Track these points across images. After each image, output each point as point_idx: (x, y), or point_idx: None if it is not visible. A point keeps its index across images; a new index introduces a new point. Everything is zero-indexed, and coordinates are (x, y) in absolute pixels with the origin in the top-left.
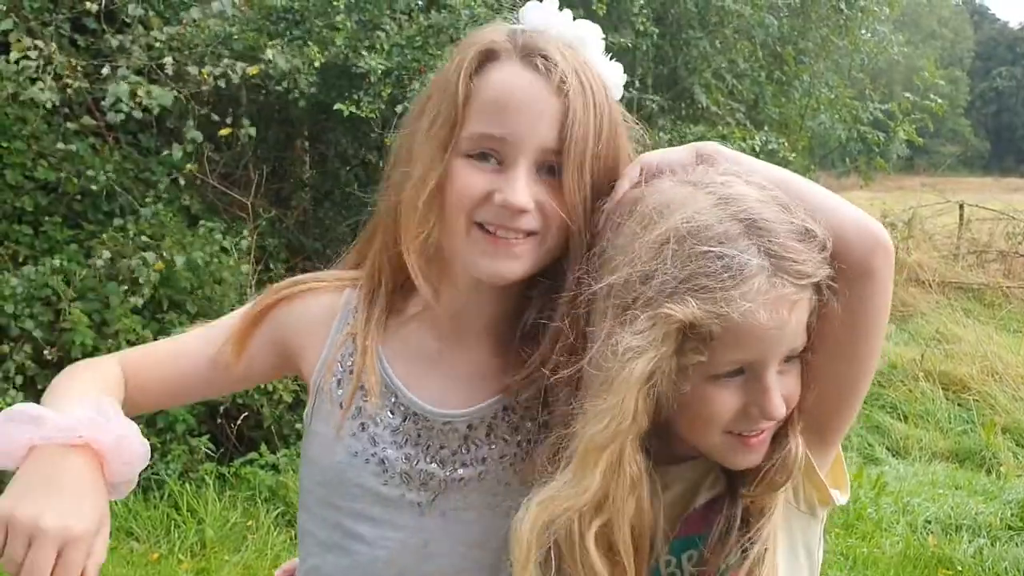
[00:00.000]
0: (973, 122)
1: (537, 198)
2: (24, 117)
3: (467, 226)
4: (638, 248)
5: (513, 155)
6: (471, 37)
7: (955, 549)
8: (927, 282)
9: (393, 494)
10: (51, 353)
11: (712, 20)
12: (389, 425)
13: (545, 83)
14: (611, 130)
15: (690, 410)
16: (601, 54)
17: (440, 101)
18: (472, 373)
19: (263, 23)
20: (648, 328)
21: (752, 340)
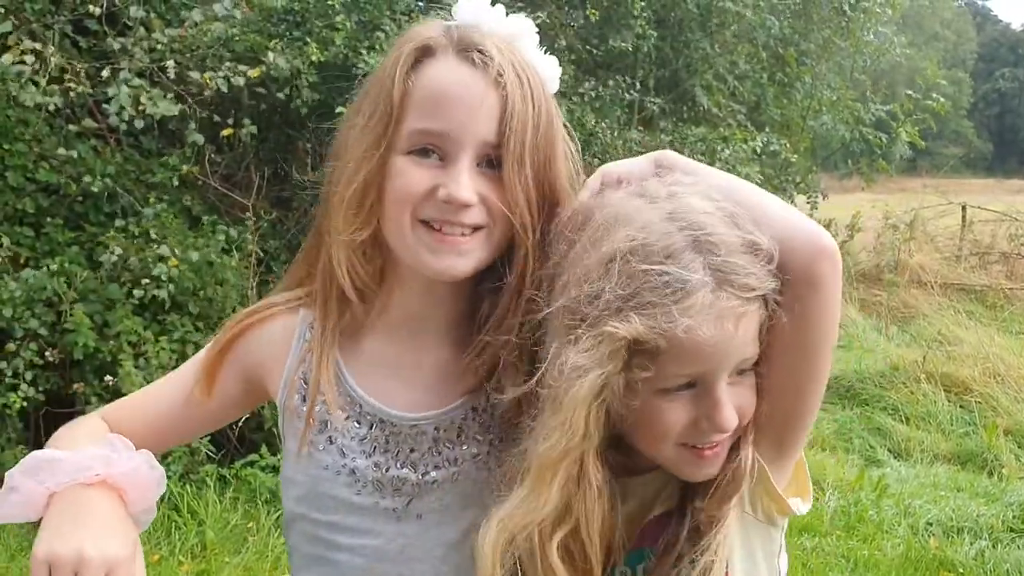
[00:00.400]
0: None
1: (480, 191)
2: (26, 119)
3: (412, 224)
4: (587, 266)
5: (454, 150)
6: (406, 34)
7: (956, 551)
8: (929, 284)
9: (367, 503)
10: (53, 355)
11: (713, 22)
12: (356, 435)
13: (482, 77)
14: (548, 123)
15: (643, 424)
16: (536, 48)
17: (377, 98)
18: (437, 375)
19: (264, 25)
20: (594, 346)
21: (698, 355)
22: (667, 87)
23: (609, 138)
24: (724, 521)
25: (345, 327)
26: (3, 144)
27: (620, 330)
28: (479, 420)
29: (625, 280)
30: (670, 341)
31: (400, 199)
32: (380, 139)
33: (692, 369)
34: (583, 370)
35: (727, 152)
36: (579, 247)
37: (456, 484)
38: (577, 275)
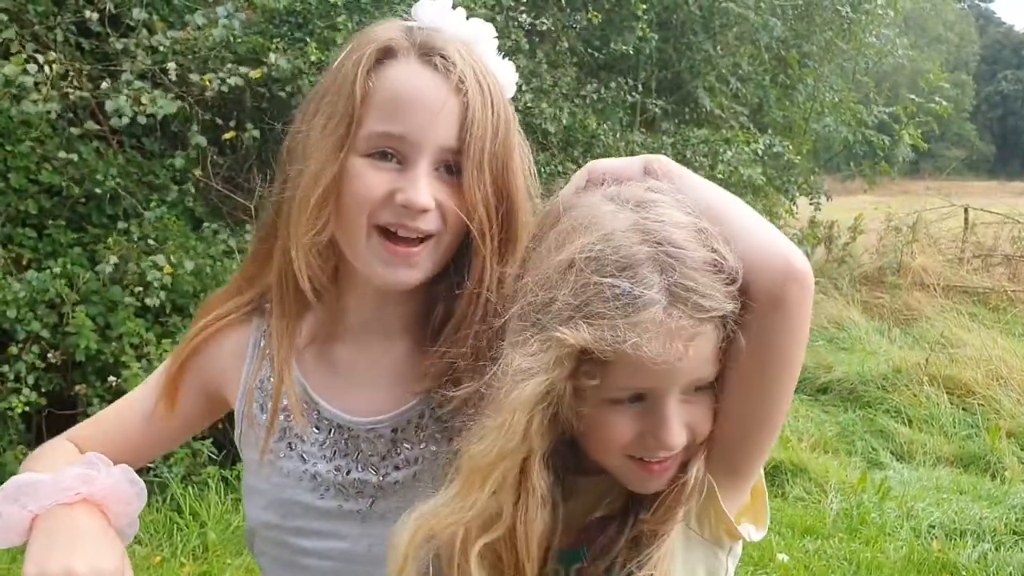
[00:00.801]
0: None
1: (437, 197)
2: (28, 121)
3: (367, 229)
4: (546, 270)
5: (413, 154)
6: (367, 35)
7: (959, 554)
8: (932, 286)
9: (331, 506)
10: (55, 357)
11: (716, 24)
12: (316, 440)
13: (444, 82)
14: (506, 130)
15: (591, 431)
16: (494, 53)
17: (336, 99)
18: (392, 376)
19: (266, 27)
20: (540, 351)
21: (645, 370)
22: (669, 89)
23: (611, 140)
24: (667, 536)
25: (301, 331)
26: (6, 146)
27: (568, 337)
28: (437, 418)
29: (579, 288)
30: (617, 354)
31: (357, 202)
32: (342, 140)
33: (638, 383)
34: (527, 374)
35: (729, 154)
36: (543, 247)
37: (417, 483)
38: (536, 278)
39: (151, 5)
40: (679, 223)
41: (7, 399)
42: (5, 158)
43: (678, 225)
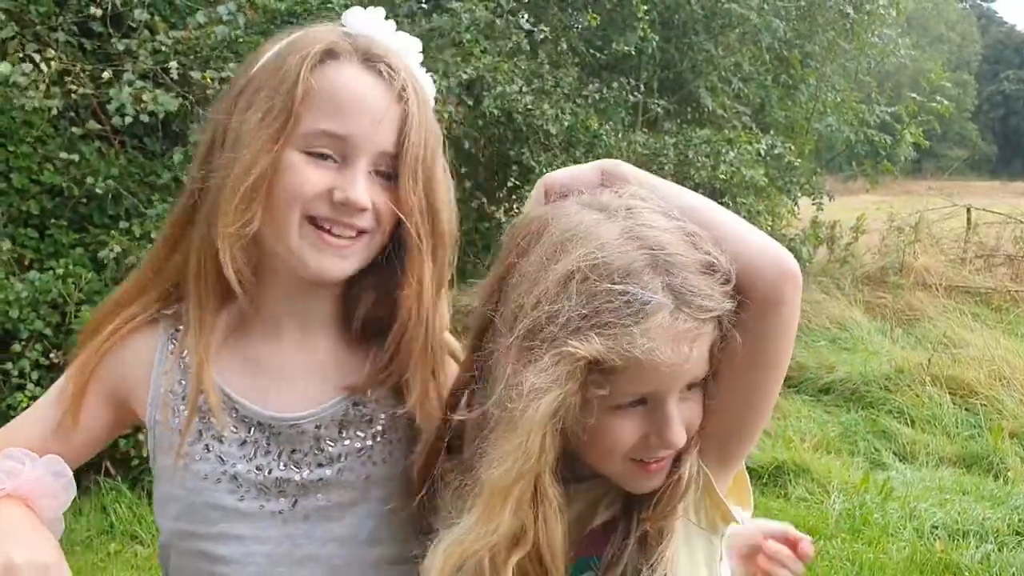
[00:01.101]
0: (980, 126)
1: (373, 198)
2: (30, 121)
3: (299, 222)
4: (545, 283)
5: (353, 154)
6: (307, 35)
7: (962, 555)
8: (934, 286)
9: (252, 508)
10: (58, 356)
11: (718, 24)
12: (235, 440)
13: (388, 89)
14: (436, 139)
15: (593, 439)
16: (419, 65)
17: (274, 93)
18: (313, 372)
19: (267, 27)
20: (552, 366)
21: (653, 374)
22: (671, 89)
23: (613, 140)
24: (672, 532)
25: (219, 326)
26: (7, 146)
27: (580, 350)
28: (360, 414)
29: (584, 299)
30: (628, 361)
31: (292, 196)
32: (278, 134)
33: (645, 388)
34: (541, 391)
35: (732, 154)
36: (534, 258)
37: (341, 479)
38: (535, 293)
39: (153, 5)
40: (667, 228)
41: (12, 395)
42: (7, 158)
43: (667, 230)
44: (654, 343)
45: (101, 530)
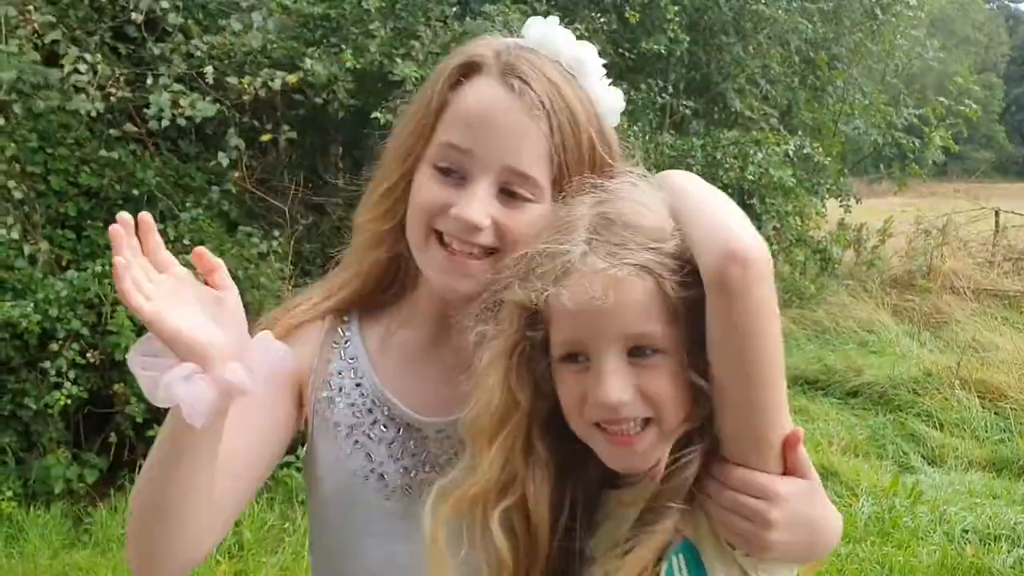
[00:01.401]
0: (1008, 127)
1: (495, 216)
2: (68, 124)
3: (426, 234)
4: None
5: (475, 170)
6: (460, 48)
7: (994, 559)
8: (962, 289)
9: (397, 508)
10: (94, 356)
11: (746, 26)
12: (384, 439)
13: (517, 104)
14: (590, 153)
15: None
16: (600, 77)
17: (419, 106)
18: (463, 373)
19: (301, 31)
20: (495, 316)
21: (570, 318)
22: (699, 91)
23: (641, 142)
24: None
25: (382, 325)
26: (46, 148)
27: (508, 296)
28: None
29: (525, 261)
30: (550, 306)
31: (417, 208)
32: (415, 146)
33: (571, 334)
34: (489, 336)
35: (760, 155)
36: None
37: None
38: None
39: (187, 10)
40: (635, 199)
41: (49, 394)
42: (46, 161)
43: (633, 201)
44: (563, 285)
45: None
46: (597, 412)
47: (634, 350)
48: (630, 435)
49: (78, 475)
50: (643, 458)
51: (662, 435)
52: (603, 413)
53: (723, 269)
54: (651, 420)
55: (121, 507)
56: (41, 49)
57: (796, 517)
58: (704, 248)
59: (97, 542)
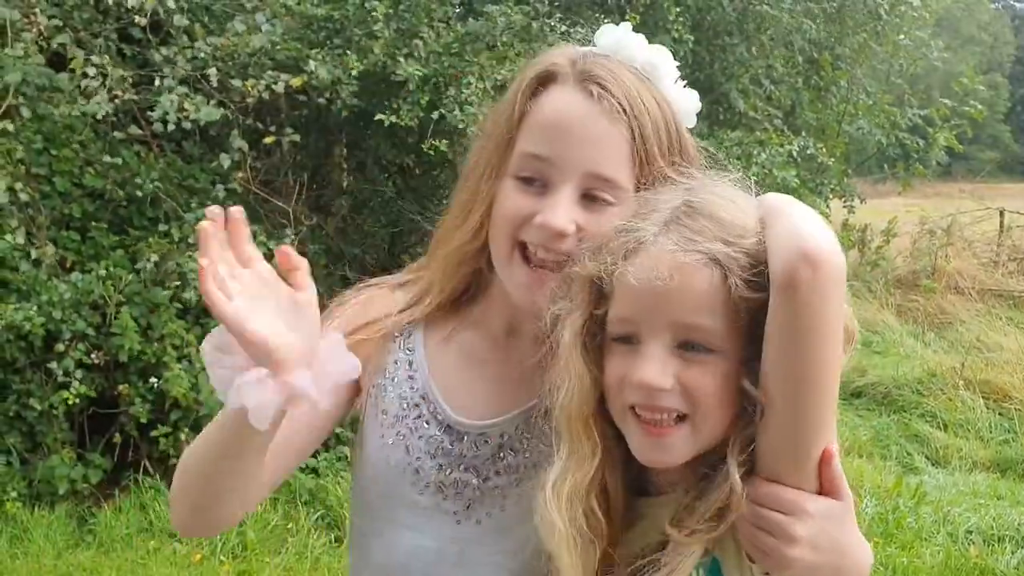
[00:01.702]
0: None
1: (580, 223)
2: (72, 126)
3: (511, 247)
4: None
5: (557, 178)
6: (537, 58)
7: (998, 560)
8: (967, 289)
9: (428, 503)
10: (99, 357)
11: (750, 26)
12: (424, 435)
13: (597, 109)
14: (677, 156)
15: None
16: (675, 79)
17: (498, 120)
18: (516, 380)
19: (305, 32)
20: (565, 292)
21: (632, 295)
22: (702, 91)
23: None
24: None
25: (443, 328)
26: (51, 150)
27: (578, 270)
28: (544, 428)
29: (600, 237)
30: (614, 281)
31: (501, 220)
32: (500, 162)
33: (626, 312)
34: (565, 312)
35: (763, 156)
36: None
37: (519, 490)
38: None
39: (192, 12)
40: (725, 195)
41: (57, 393)
42: (51, 162)
43: (723, 196)
44: (631, 260)
45: (140, 528)
46: (634, 393)
47: (685, 343)
48: (662, 426)
49: (83, 475)
50: (670, 454)
51: (695, 436)
52: (639, 396)
53: (793, 268)
54: (687, 417)
55: (126, 507)
56: (46, 52)
57: (823, 537)
58: (778, 245)
59: (101, 543)
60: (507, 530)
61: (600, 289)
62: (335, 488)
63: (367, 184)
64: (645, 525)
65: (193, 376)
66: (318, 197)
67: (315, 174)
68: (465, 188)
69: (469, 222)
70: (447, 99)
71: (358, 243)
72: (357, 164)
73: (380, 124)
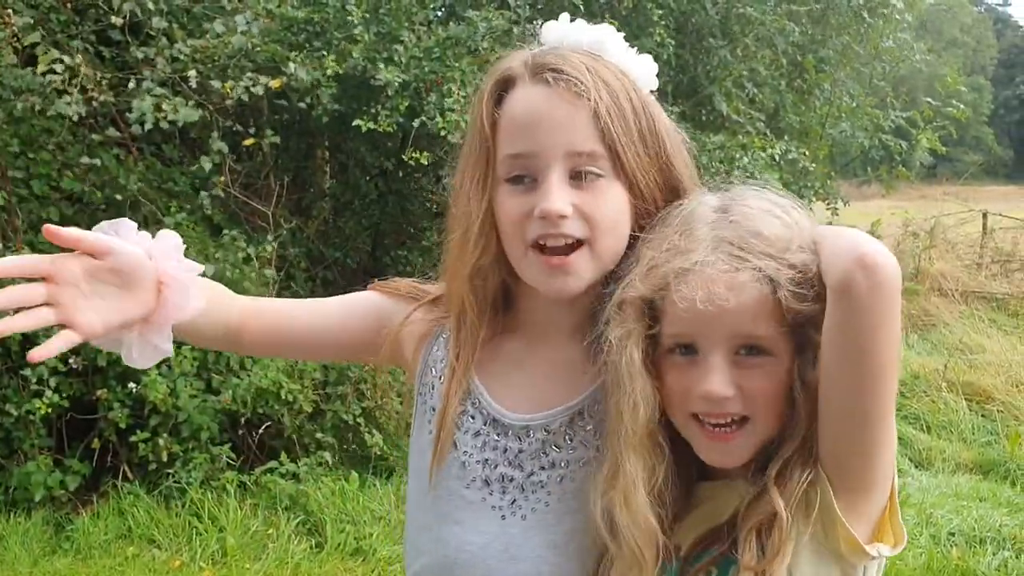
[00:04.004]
0: (996, 130)
1: (575, 202)
2: (50, 128)
3: (524, 248)
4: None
5: (543, 167)
6: (491, 68)
7: (979, 562)
8: (950, 292)
9: (475, 497)
10: (76, 362)
11: (733, 29)
12: (470, 429)
13: (557, 92)
14: (649, 117)
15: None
16: (625, 50)
17: (473, 138)
18: (558, 376)
19: (284, 34)
20: (620, 316)
21: (687, 314)
22: (686, 94)
23: None
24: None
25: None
26: (28, 153)
27: (631, 292)
28: (589, 421)
29: (648, 259)
30: (667, 299)
31: (507, 228)
32: (485, 176)
33: (683, 328)
34: (623, 336)
35: (746, 160)
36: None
37: (562, 486)
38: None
39: (171, 13)
40: (763, 208)
41: (30, 402)
42: (28, 165)
43: (760, 209)
44: (685, 281)
45: (119, 534)
46: (699, 404)
47: (741, 349)
48: (727, 434)
49: (60, 482)
50: (734, 456)
51: (755, 436)
52: (705, 406)
53: (849, 275)
54: (747, 419)
55: (104, 513)
56: (20, 53)
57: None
58: (835, 254)
59: (79, 549)
60: (552, 525)
61: (651, 309)
62: (316, 494)
63: (349, 187)
64: (707, 508)
65: (172, 381)
66: (299, 200)
67: (296, 177)
68: (458, 209)
69: (474, 240)
70: (428, 105)
71: (340, 246)
72: (339, 167)
73: (358, 130)
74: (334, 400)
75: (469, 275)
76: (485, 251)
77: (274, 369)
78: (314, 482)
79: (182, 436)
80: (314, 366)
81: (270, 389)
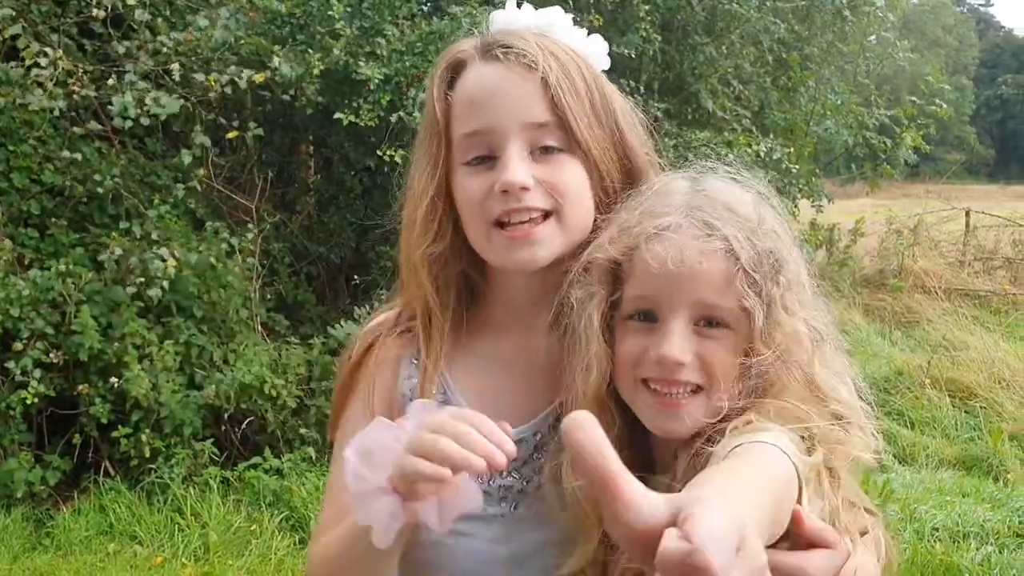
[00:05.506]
0: (978, 130)
1: (537, 175)
2: (31, 121)
3: (486, 229)
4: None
5: (500, 142)
6: (441, 56)
7: (962, 557)
8: (933, 289)
9: (476, 509)
10: (57, 356)
11: (719, 25)
12: None
13: (508, 67)
14: (602, 92)
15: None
16: (572, 30)
17: (427, 122)
18: (538, 373)
19: (268, 28)
20: (584, 277)
21: (652, 276)
22: (672, 91)
23: None
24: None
25: (453, 331)
26: (8, 146)
27: (599, 255)
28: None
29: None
30: (634, 264)
31: (468, 209)
32: (437, 158)
33: (648, 291)
34: (586, 298)
35: (731, 157)
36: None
37: (556, 485)
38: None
39: (153, 6)
40: (729, 186)
41: (8, 397)
42: (8, 158)
43: (728, 186)
44: (655, 243)
45: (100, 530)
46: (653, 369)
47: (702, 320)
48: (679, 400)
49: (40, 477)
50: (683, 423)
51: (708, 405)
52: (659, 371)
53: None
54: (701, 389)
55: (84, 509)
56: (1, 45)
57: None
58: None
59: (59, 545)
60: (555, 524)
61: (616, 273)
62: (299, 489)
63: (333, 182)
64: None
65: (154, 376)
66: (283, 194)
67: (281, 171)
68: (411, 200)
69: (422, 221)
70: (407, 100)
71: (324, 241)
72: (323, 161)
73: (340, 124)
74: (318, 395)
75: (425, 262)
76: (438, 237)
77: (257, 364)
78: (298, 477)
79: (164, 432)
80: (298, 360)
81: (253, 384)
